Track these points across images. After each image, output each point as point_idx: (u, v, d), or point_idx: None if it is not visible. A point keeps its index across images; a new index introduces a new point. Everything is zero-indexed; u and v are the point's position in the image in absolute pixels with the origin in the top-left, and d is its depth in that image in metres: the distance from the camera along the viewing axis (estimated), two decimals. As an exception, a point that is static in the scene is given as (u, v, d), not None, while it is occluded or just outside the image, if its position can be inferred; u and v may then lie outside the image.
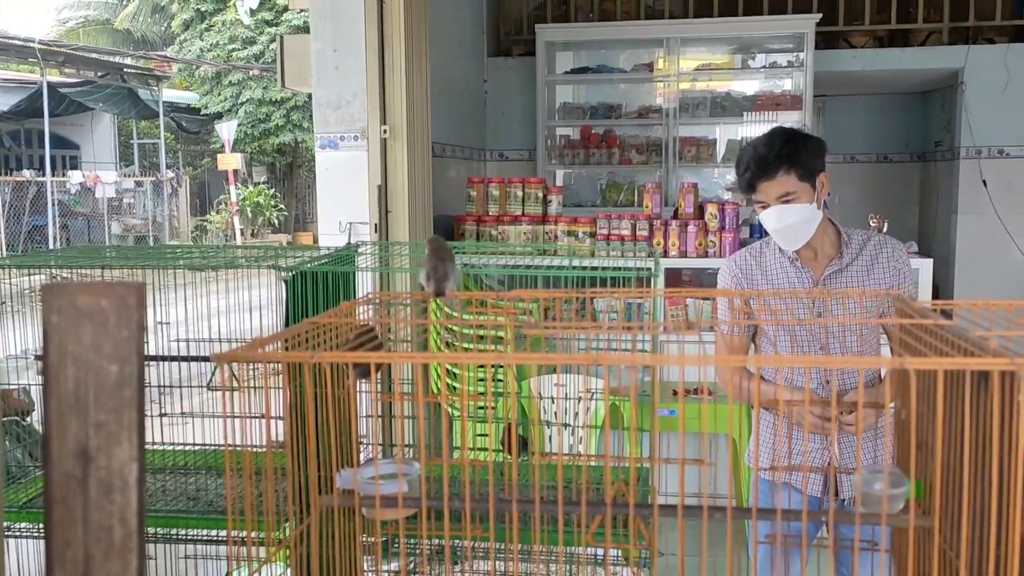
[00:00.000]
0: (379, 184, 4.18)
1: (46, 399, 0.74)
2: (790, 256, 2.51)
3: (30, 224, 18.68)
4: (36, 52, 17.33)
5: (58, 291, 0.70)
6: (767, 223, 2.43)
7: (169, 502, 1.93)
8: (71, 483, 0.71)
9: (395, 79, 4.13)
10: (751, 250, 2.61)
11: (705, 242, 4.62)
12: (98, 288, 0.70)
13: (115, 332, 0.71)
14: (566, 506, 0.92)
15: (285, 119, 20.01)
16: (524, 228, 4.73)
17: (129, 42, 24.41)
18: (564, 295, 1.24)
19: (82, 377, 0.72)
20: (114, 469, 0.71)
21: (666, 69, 6.29)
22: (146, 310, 0.72)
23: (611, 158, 6.33)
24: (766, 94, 6.55)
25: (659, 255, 2.04)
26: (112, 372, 0.71)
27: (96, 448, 0.71)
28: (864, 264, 2.51)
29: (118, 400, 0.71)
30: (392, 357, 0.86)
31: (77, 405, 0.71)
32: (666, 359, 0.82)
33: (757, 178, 2.39)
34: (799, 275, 2.51)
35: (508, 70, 6.45)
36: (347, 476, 1.01)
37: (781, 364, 0.80)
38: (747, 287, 2.55)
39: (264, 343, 0.89)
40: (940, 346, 0.85)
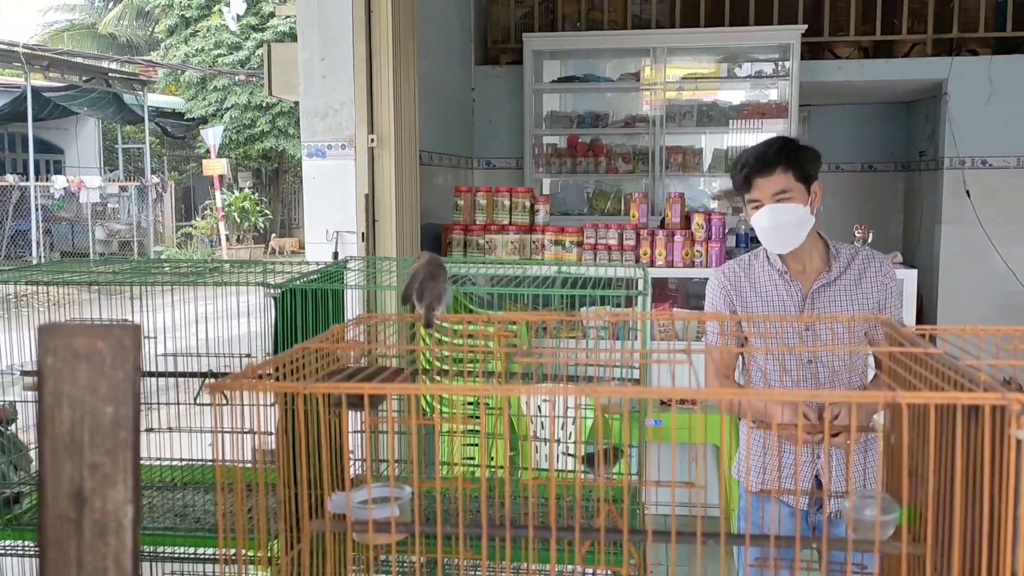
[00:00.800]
0: (366, 193, 4.17)
1: (40, 441, 0.72)
2: (779, 269, 2.52)
3: (13, 229, 18.53)
4: (20, 56, 17.22)
5: (54, 332, 0.69)
6: (760, 222, 2.42)
7: (156, 519, 1.91)
8: (65, 525, 0.69)
9: (383, 88, 4.13)
10: (739, 262, 2.62)
11: (692, 252, 4.63)
12: (94, 330, 0.70)
13: (111, 373, 0.70)
14: (559, 532, 0.92)
15: (271, 125, 19.97)
16: (511, 237, 4.73)
17: (114, 46, 24.30)
18: (555, 318, 1.24)
19: (77, 419, 0.71)
20: (109, 511, 0.70)
21: (653, 78, 6.31)
22: (141, 351, 0.71)
23: (598, 167, 6.34)
24: (752, 103, 6.58)
25: (648, 274, 2.04)
26: (108, 414, 0.70)
27: (91, 490, 0.70)
28: (852, 278, 2.52)
29: (113, 441, 0.70)
30: (384, 388, 0.86)
31: (72, 446, 0.70)
32: (657, 392, 0.82)
33: (755, 172, 2.40)
34: (788, 288, 2.52)
35: (496, 78, 6.46)
36: (338, 500, 1.01)
37: (773, 398, 0.80)
38: (736, 299, 2.56)
39: (258, 369, 0.88)
40: (930, 377, 0.86)
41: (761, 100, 6.74)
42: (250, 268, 1.99)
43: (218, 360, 2.04)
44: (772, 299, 2.53)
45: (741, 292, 2.56)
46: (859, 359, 2.54)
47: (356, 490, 1.05)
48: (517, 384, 1.53)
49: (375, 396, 1.10)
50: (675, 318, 1.60)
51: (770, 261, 2.54)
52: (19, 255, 18.23)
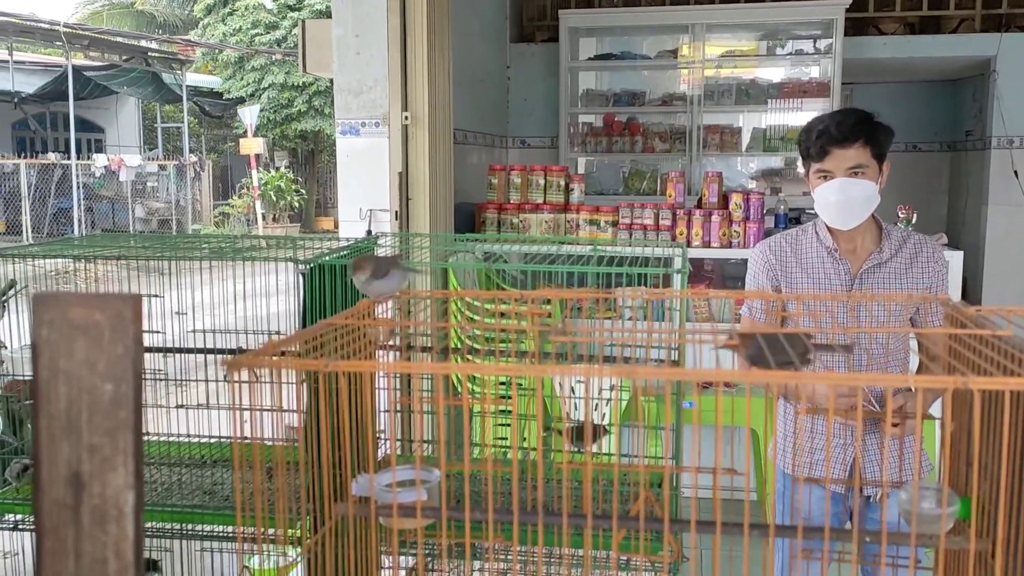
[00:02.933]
0: (400, 171, 4.15)
1: (36, 420, 0.69)
2: (829, 246, 2.44)
3: (55, 207, 18.84)
4: (61, 35, 17.42)
5: (49, 302, 0.65)
6: (828, 194, 2.34)
7: (185, 496, 1.91)
8: (62, 512, 0.66)
9: (417, 65, 4.09)
10: (786, 237, 2.54)
11: (729, 232, 4.55)
12: (92, 300, 0.66)
13: (110, 348, 0.66)
14: (595, 519, 0.88)
15: (307, 104, 20.01)
16: (546, 217, 4.68)
17: (152, 25, 24.49)
18: (589, 295, 1.20)
19: (75, 396, 0.67)
20: (108, 497, 0.66)
21: (691, 56, 6.20)
22: (142, 323, 0.67)
23: (634, 146, 6.25)
24: (793, 81, 6.44)
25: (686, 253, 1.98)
26: (107, 391, 0.66)
27: (89, 474, 0.66)
28: (903, 262, 2.44)
29: (113, 422, 0.67)
30: (412, 367, 0.82)
31: (69, 427, 0.67)
32: (702, 374, 0.78)
33: (834, 142, 2.31)
34: (836, 267, 2.44)
35: (531, 56, 6.39)
36: (363, 483, 0.97)
37: (830, 382, 0.76)
38: (780, 275, 2.49)
39: (280, 346, 0.85)
40: (1001, 360, 0.80)
41: (802, 78, 6.59)
42: (281, 244, 1.97)
43: (246, 337, 2.03)
44: (819, 277, 2.46)
45: (786, 268, 2.48)
46: (900, 346, 2.46)
47: (382, 472, 1.01)
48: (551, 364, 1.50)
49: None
50: (715, 296, 1.55)
51: (819, 237, 2.47)
52: (61, 233, 18.53)
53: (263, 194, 19.04)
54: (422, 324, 1.26)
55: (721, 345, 1.15)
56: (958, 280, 4.49)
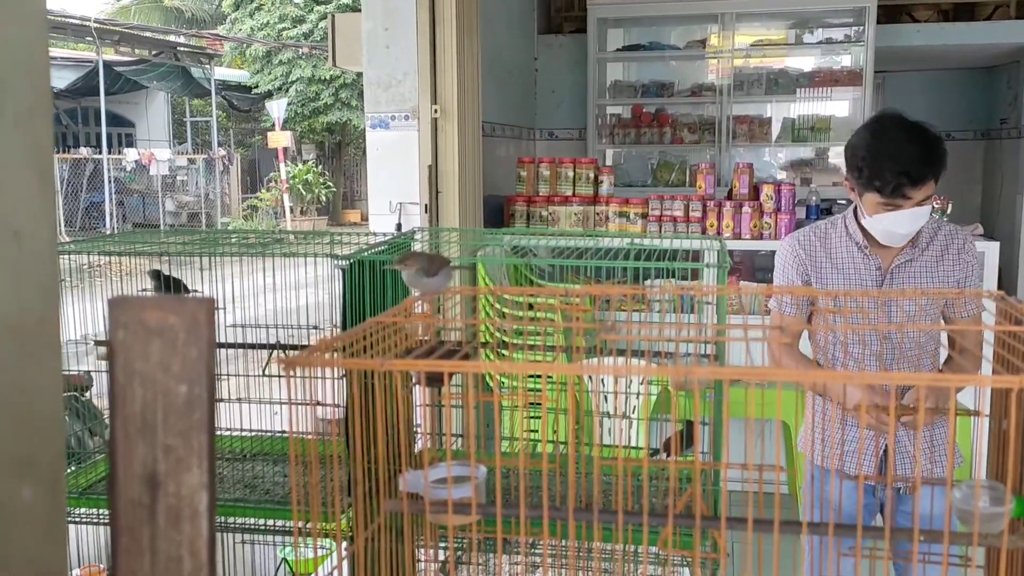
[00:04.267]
0: (429, 164, 4.16)
1: (112, 420, 0.70)
2: (859, 242, 2.41)
3: (87, 201, 19.09)
4: (92, 30, 17.61)
5: (125, 306, 0.67)
6: (896, 226, 2.28)
7: (226, 490, 1.93)
8: (138, 511, 0.67)
9: (446, 58, 4.09)
10: (815, 230, 2.50)
11: (760, 224, 4.52)
12: (167, 304, 0.67)
13: (184, 351, 0.67)
14: (628, 516, 0.89)
15: (334, 98, 20.09)
16: (575, 209, 4.67)
17: (180, 20, 24.69)
18: (621, 292, 1.20)
19: (150, 398, 0.68)
20: (183, 496, 0.68)
21: (720, 45, 6.15)
22: (215, 327, 0.68)
23: (663, 137, 6.22)
24: (824, 70, 6.37)
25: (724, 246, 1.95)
26: (181, 393, 0.68)
27: (165, 474, 0.68)
28: (934, 256, 2.41)
29: (187, 423, 0.68)
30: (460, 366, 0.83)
31: (144, 428, 0.68)
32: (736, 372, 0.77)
33: (912, 185, 2.22)
34: (866, 262, 2.42)
35: (558, 48, 6.37)
36: (413, 479, 0.98)
37: (868, 381, 0.75)
38: (810, 269, 2.46)
39: (331, 344, 0.86)
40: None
41: (833, 67, 6.52)
42: (317, 239, 1.98)
43: (286, 331, 2.05)
44: (849, 272, 2.44)
45: (816, 262, 2.46)
46: (931, 341, 2.44)
47: (431, 468, 1.02)
48: (586, 360, 1.50)
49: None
50: (748, 292, 1.54)
51: (849, 233, 2.44)
52: (93, 226, 18.78)
53: (291, 187, 19.16)
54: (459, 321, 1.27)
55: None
56: (993, 270, 4.43)
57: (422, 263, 1.23)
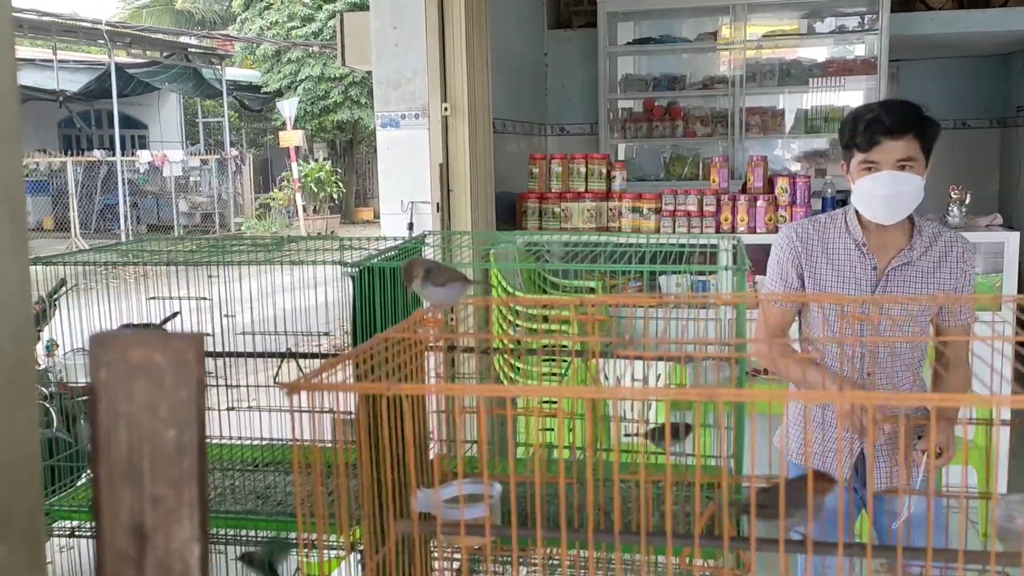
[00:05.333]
0: (441, 163, 4.13)
1: (95, 467, 0.65)
2: (858, 240, 2.35)
3: (102, 203, 19.19)
4: (104, 33, 17.67)
5: (107, 342, 0.62)
6: (875, 188, 2.23)
7: (237, 500, 1.90)
8: (125, 565, 0.63)
9: (455, 55, 4.07)
10: (814, 223, 2.44)
11: (775, 217, 4.47)
12: (152, 341, 0.63)
13: (172, 392, 0.62)
14: (652, 538, 0.86)
15: (344, 95, 20.09)
16: (588, 205, 4.64)
17: (191, 22, 24.76)
18: (644, 301, 1.17)
19: (135, 443, 0.64)
20: (173, 551, 0.63)
21: (732, 37, 6.09)
22: (205, 365, 0.64)
23: (675, 131, 6.17)
24: (837, 60, 6.31)
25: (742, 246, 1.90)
26: (170, 438, 0.63)
27: (153, 526, 0.63)
28: (931, 262, 2.35)
29: (177, 471, 0.63)
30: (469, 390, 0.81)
31: (130, 475, 0.63)
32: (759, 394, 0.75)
33: (886, 133, 2.20)
34: (862, 261, 2.35)
35: (568, 42, 6.32)
36: (425, 498, 0.95)
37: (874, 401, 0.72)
38: (805, 262, 2.40)
39: (335, 364, 0.83)
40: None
41: (847, 56, 6.45)
42: (327, 244, 1.96)
43: (295, 339, 2.03)
44: (844, 269, 2.37)
45: (812, 255, 2.40)
46: (914, 351, 2.40)
47: (444, 487, 0.99)
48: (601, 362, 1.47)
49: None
50: (784, 298, 1.51)
51: (848, 228, 2.37)
52: (108, 229, 18.87)
53: (303, 186, 19.19)
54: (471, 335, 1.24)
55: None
56: (1014, 261, 4.36)
57: (429, 273, 1.20)
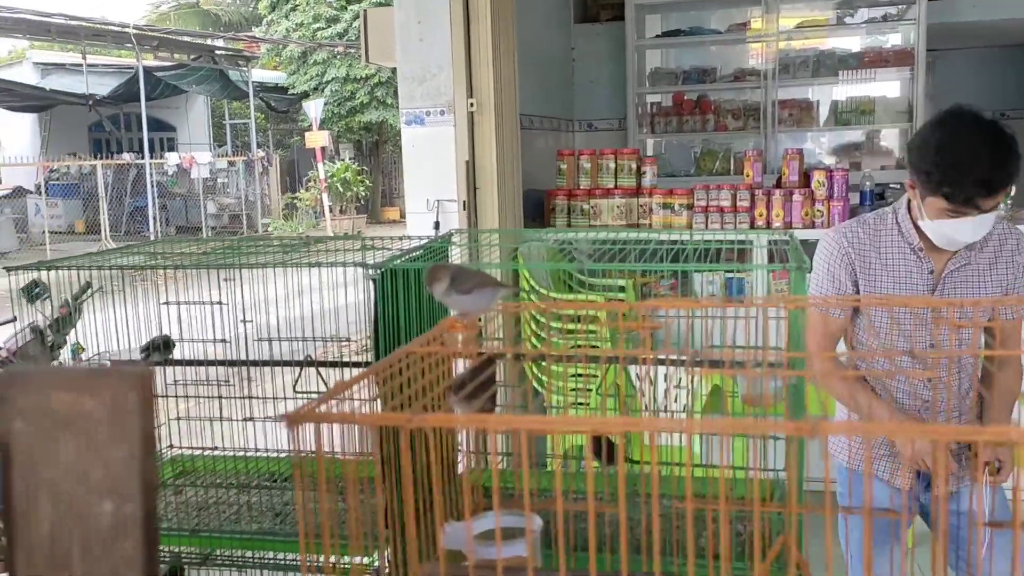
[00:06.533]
0: (467, 160, 4.04)
1: (10, 551, 0.46)
2: (913, 244, 2.21)
3: (131, 206, 19.34)
4: (131, 37, 17.79)
5: (23, 384, 0.44)
6: (958, 232, 2.09)
7: (254, 519, 1.81)
8: None
9: (481, 50, 3.97)
10: (863, 226, 2.29)
11: (812, 212, 4.33)
12: (81, 381, 0.45)
13: (107, 450, 0.44)
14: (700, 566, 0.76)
15: (370, 96, 20.09)
16: (617, 202, 4.53)
17: (217, 24, 24.91)
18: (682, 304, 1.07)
19: (60, 519, 0.45)
20: None
21: (763, 28, 5.95)
22: (154, 411, 0.47)
23: (705, 124, 6.03)
24: (872, 50, 6.14)
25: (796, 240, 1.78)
26: (105, 513, 0.45)
27: None
28: (987, 258, 2.22)
29: (115, 557, 0.45)
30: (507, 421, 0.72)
31: (54, 562, 0.45)
32: (817, 427, 0.64)
33: (987, 197, 2.02)
34: (918, 265, 2.22)
35: (596, 36, 6.20)
36: (454, 532, 0.84)
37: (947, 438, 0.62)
38: (859, 268, 2.26)
39: (348, 386, 0.74)
40: None
41: (882, 47, 6.28)
42: (348, 245, 1.87)
43: (315, 345, 1.94)
44: (899, 274, 2.24)
45: (866, 260, 2.25)
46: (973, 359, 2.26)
47: (476, 519, 0.89)
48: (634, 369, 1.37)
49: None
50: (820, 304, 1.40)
51: (902, 232, 2.23)
52: (137, 230, 19.02)
53: (330, 186, 19.21)
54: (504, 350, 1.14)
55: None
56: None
57: (454, 279, 1.09)
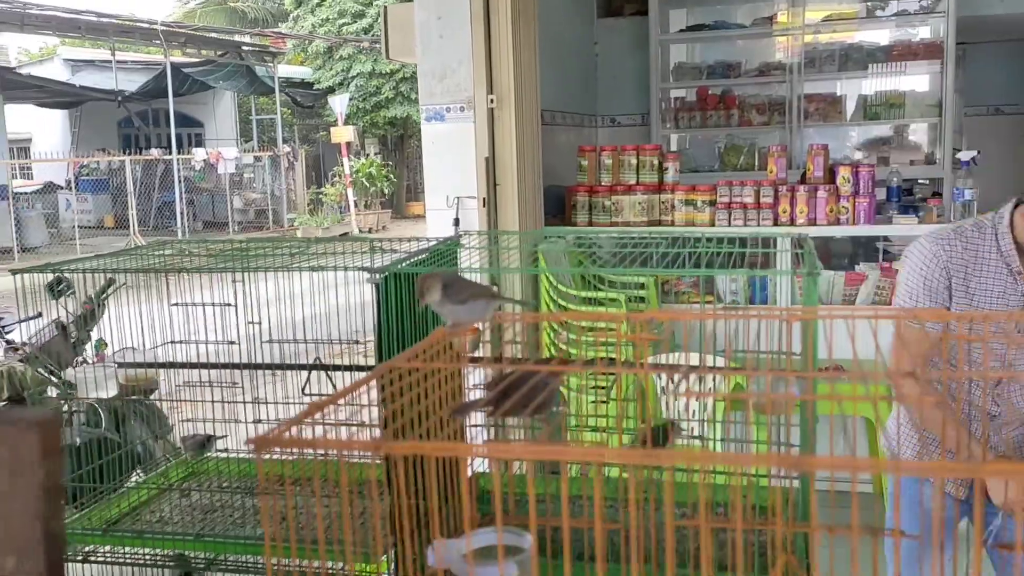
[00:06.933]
0: (487, 156, 4.02)
1: None
2: (1014, 267, 2.08)
3: (160, 201, 19.53)
4: (159, 34, 17.94)
5: None
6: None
7: (258, 523, 1.81)
8: None
9: (501, 45, 3.95)
10: (960, 236, 2.15)
11: (837, 208, 4.26)
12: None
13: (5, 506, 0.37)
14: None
15: (395, 91, 20.13)
16: (639, 198, 4.48)
17: (244, 21, 25.06)
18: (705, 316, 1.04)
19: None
20: None
21: (789, 22, 5.87)
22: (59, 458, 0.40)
23: (730, 119, 5.96)
24: (901, 43, 6.03)
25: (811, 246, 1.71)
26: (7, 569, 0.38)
27: None
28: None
29: None
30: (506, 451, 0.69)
31: None
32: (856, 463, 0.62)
33: None
34: (1014, 287, 2.10)
35: (619, 31, 6.15)
36: (446, 551, 0.81)
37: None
38: (955, 280, 2.12)
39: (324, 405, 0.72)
40: None
41: (911, 40, 6.18)
42: (354, 247, 1.85)
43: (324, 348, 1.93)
44: (992, 292, 2.11)
45: (964, 273, 2.12)
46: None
47: (462, 538, 0.86)
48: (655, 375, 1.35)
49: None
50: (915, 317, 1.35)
51: (1000, 250, 2.10)
52: (165, 225, 19.20)
53: (355, 181, 19.27)
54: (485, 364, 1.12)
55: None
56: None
57: (447, 288, 1.06)
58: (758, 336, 1.27)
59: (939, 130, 5.66)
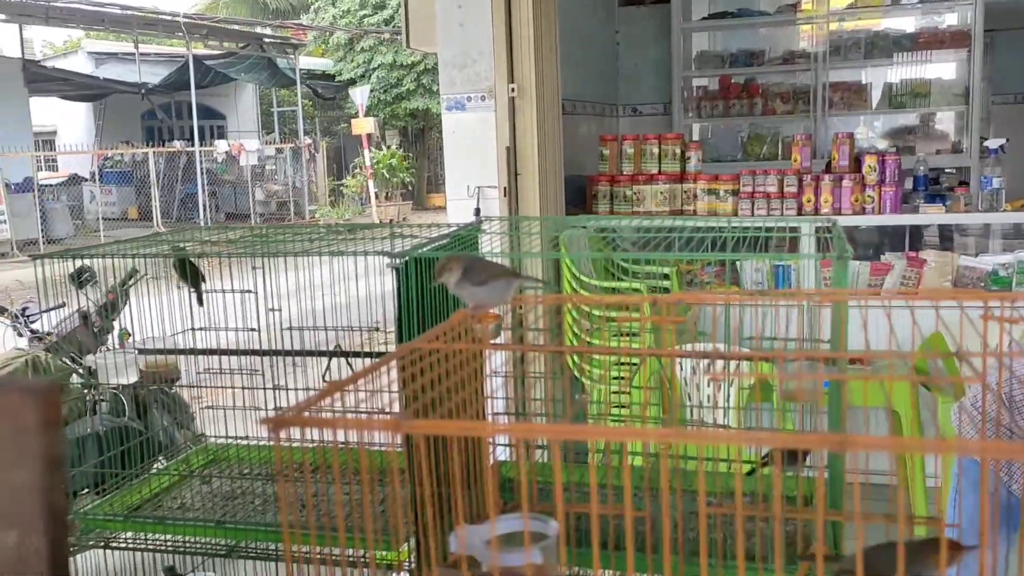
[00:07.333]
0: (508, 146, 4.00)
1: None
2: None
3: (183, 192, 19.66)
4: (182, 26, 18.03)
5: None
6: None
7: (279, 510, 1.80)
8: None
9: (522, 34, 3.92)
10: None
11: (862, 198, 4.21)
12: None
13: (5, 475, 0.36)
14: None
15: (416, 83, 20.12)
16: (661, 188, 4.45)
17: (265, 12, 25.12)
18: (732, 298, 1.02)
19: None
20: None
21: (814, 9, 5.80)
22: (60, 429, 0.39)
23: (753, 108, 5.90)
24: (927, 31, 5.94)
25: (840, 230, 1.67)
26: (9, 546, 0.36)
27: None
28: None
29: None
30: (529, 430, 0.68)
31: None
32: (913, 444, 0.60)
33: None
34: None
35: (640, 19, 6.10)
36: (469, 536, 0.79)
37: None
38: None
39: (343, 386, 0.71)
40: None
41: (938, 27, 6.08)
42: (375, 233, 1.84)
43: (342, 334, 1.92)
44: None
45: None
46: None
47: (485, 524, 0.85)
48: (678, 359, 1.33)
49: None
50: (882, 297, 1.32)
51: None
52: (188, 217, 19.33)
53: (375, 173, 19.30)
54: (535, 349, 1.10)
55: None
56: None
57: (467, 270, 1.05)
58: (786, 324, 1.25)
59: (966, 118, 5.57)
